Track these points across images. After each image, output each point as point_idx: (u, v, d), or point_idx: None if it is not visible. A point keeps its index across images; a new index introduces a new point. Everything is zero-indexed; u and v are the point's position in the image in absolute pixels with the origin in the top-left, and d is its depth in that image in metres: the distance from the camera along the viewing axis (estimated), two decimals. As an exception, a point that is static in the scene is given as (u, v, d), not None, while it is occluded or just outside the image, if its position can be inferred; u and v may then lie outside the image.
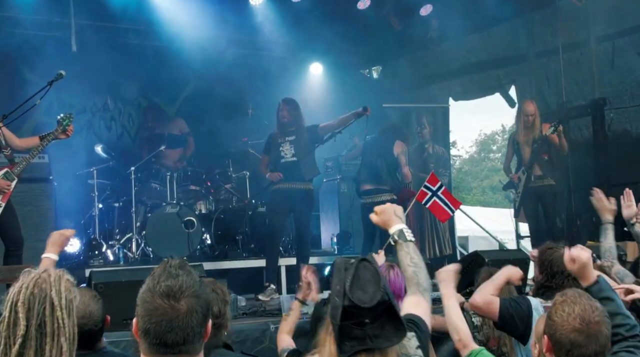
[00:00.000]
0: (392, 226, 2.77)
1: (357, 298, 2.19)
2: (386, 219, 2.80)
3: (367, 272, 2.28)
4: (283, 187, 7.53)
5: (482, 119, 60.03)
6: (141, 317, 2.00)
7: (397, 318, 2.24)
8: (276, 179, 7.52)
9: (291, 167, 7.51)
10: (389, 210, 2.80)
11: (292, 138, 7.62)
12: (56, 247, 3.67)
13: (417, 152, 9.35)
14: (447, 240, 9.55)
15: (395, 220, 2.78)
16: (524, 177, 8.24)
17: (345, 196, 10.08)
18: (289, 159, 7.60)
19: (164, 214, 8.11)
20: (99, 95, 10.16)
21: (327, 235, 10.22)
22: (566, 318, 2.63)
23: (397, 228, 2.75)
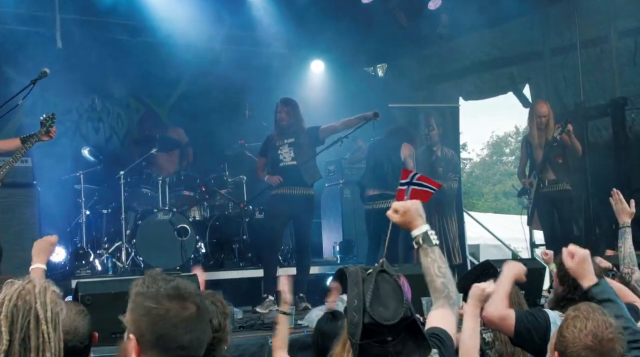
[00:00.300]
0: (416, 227, 2.65)
1: (379, 315, 2.16)
2: (409, 220, 2.67)
3: (387, 286, 2.25)
4: (282, 192, 7.54)
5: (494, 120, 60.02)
6: (149, 326, 1.96)
7: (420, 334, 2.21)
8: (276, 182, 7.53)
9: (291, 172, 7.52)
10: (412, 209, 2.66)
11: (292, 140, 7.63)
12: (42, 255, 3.66)
13: (425, 155, 9.35)
14: (457, 248, 9.52)
15: (419, 220, 2.66)
16: (535, 181, 8.24)
17: (348, 201, 10.07)
18: (288, 162, 7.60)
19: (156, 221, 8.10)
20: (86, 94, 10.15)
21: (329, 243, 10.21)
22: (577, 334, 2.61)
23: (422, 230, 2.63)
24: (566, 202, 8.25)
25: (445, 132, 9.87)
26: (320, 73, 11.26)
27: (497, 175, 38.88)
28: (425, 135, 9.45)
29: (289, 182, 7.52)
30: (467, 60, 10.58)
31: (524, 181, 8.53)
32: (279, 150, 7.65)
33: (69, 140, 9.58)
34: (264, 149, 7.91)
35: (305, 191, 7.61)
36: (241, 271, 8.34)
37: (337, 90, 10.92)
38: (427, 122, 9.48)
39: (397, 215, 2.70)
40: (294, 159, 7.58)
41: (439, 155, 9.42)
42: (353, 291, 2.24)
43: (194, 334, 1.97)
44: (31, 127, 8.77)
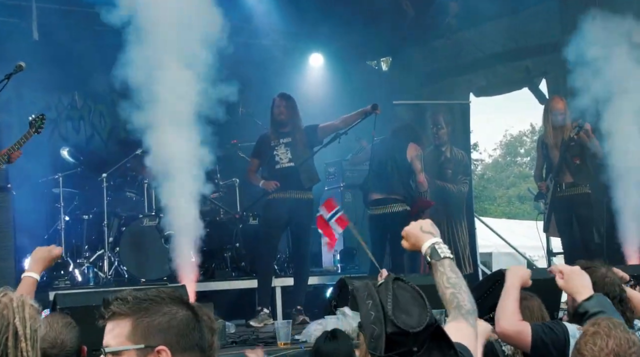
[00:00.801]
0: (422, 245, 2.69)
1: (403, 322, 2.16)
2: (414, 242, 2.73)
3: (405, 293, 2.26)
4: (279, 196, 7.54)
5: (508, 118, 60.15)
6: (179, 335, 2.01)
7: (445, 341, 2.23)
8: (272, 188, 7.53)
9: (288, 174, 7.52)
10: (413, 230, 2.73)
11: (288, 140, 7.63)
12: (39, 265, 3.66)
13: (433, 156, 9.35)
14: (467, 257, 9.53)
15: (423, 238, 2.70)
16: (552, 185, 8.23)
17: (350, 206, 10.04)
18: (285, 164, 7.61)
19: (141, 228, 8.10)
20: (66, 90, 10.15)
21: (328, 251, 10.21)
22: (598, 353, 2.61)
23: (427, 246, 2.68)
24: (585, 207, 8.24)
25: (454, 131, 9.87)
26: (319, 67, 11.27)
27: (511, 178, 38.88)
28: (433, 135, 9.45)
29: (286, 186, 7.52)
30: (479, 53, 10.58)
31: (540, 185, 8.52)
32: (275, 150, 7.65)
33: (46, 140, 9.57)
34: (258, 150, 7.90)
35: (303, 194, 7.62)
36: (234, 281, 8.34)
37: (338, 85, 10.93)
38: (435, 121, 9.47)
39: (405, 241, 2.77)
40: (292, 161, 7.58)
41: (448, 156, 9.42)
42: (367, 304, 2.24)
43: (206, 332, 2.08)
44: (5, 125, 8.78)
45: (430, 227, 2.73)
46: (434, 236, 2.69)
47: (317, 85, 10.95)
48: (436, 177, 9.19)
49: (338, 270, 9.62)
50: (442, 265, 2.62)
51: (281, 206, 7.54)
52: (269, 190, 7.56)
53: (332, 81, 11.03)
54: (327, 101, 10.35)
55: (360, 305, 2.27)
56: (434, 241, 2.66)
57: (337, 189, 10.31)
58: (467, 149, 10.15)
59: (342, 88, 10.77)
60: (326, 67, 11.22)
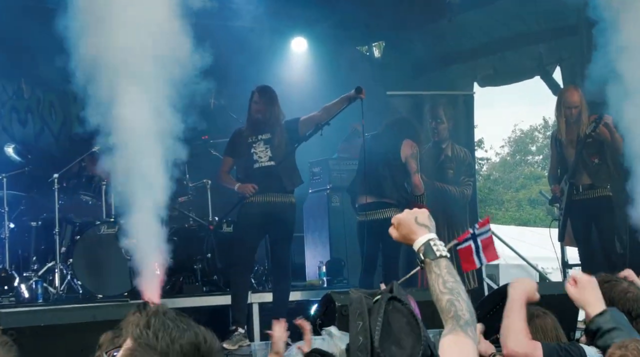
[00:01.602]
0: (416, 239, 2.64)
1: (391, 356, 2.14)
2: (406, 233, 2.66)
3: (401, 318, 2.24)
4: (256, 200, 7.54)
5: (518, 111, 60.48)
6: None
7: None
8: (250, 192, 7.51)
9: (267, 175, 7.51)
10: (406, 220, 2.66)
11: (267, 136, 7.63)
12: None
13: (431, 155, 9.35)
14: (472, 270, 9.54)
15: (417, 231, 2.64)
16: (567, 187, 8.23)
17: (337, 211, 10.07)
18: (264, 163, 7.60)
19: (98, 236, 8.07)
20: (10, 78, 10.09)
21: (313, 263, 10.25)
22: None
23: (422, 242, 2.62)
24: (606, 212, 8.25)
25: (456, 125, 9.89)
26: (302, 53, 11.26)
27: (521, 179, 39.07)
28: (432, 130, 9.46)
29: (265, 187, 7.51)
30: (485, 37, 10.60)
31: (554, 188, 8.52)
32: (253, 148, 7.64)
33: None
34: (232, 147, 7.89)
35: (284, 197, 7.62)
36: (205, 297, 8.33)
37: (323, 74, 10.93)
38: (435, 114, 9.47)
39: (394, 230, 2.70)
40: (272, 159, 7.58)
41: (448, 154, 9.43)
42: (357, 325, 2.22)
43: None
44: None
45: (426, 219, 2.67)
46: (430, 231, 2.64)
47: (300, 74, 10.94)
48: (435, 178, 9.20)
49: (324, 284, 9.64)
50: (438, 266, 2.56)
51: (259, 210, 7.53)
52: (246, 194, 7.54)
53: (317, 69, 11.02)
54: (311, 91, 10.35)
55: (351, 324, 2.25)
56: (429, 237, 2.61)
57: (323, 192, 10.34)
58: (470, 146, 10.18)
59: (328, 77, 10.76)
60: (310, 52, 11.21)
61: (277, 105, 7.72)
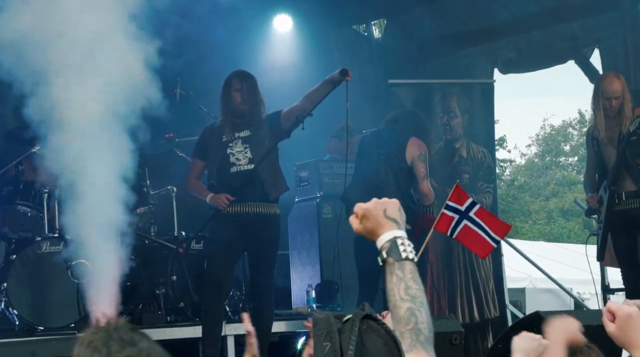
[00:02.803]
0: (380, 234, 2.72)
1: None
2: (371, 227, 2.75)
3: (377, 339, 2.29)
4: (233, 211, 7.52)
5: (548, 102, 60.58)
6: None
7: None
8: (224, 204, 7.47)
9: (247, 181, 7.49)
10: (373, 211, 2.75)
11: (246, 134, 7.61)
12: None
13: (443, 156, 9.36)
14: (492, 294, 9.54)
15: (384, 225, 2.73)
16: (607, 195, 8.19)
17: (329, 224, 10.04)
18: (243, 166, 7.58)
19: (39, 255, 8.02)
20: None
21: (300, 286, 10.25)
22: None
23: (387, 238, 2.70)
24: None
25: (473, 121, 9.90)
26: (286, 33, 11.25)
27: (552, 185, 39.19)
28: (444, 126, 9.46)
29: (244, 195, 7.49)
30: (507, 13, 10.61)
31: (590, 197, 8.43)
32: (229, 148, 7.61)
33: None
34: (203, 147, 7.85)
35: (267, 208, 7.61)
36: (169, 328, 8.31)
37: (312, 59, 10.92)
38: (447, 107, 9.48)
39: (357, 221, 2.77)
40: (252, 161, 7.55)
41: (463, 155, 9.43)
42: (324, 347, 2.26)
43: None
44: None
45: (397, 212, 2.75)
46: (399, 228, 2.72)
47: (283, 58, 10.94)
48: (447, 184, 9.18)
49: (313, 312, 9.58)
50: (402, 268, 2.64)
51: (236, 223, 7.52)
52: (221, 207, 7.50)
53: (304, 52, 11.02)
54: (297, 80, 10.32)
55: (316, 347, 2.30)
56: (397, 234, 2.69)
57: (313, 200, 10.34)
58: (490, 145, 10.17)
59: (317, 62, 10.76)
60: (296, 32, 11.20)
61: (258, 95, 7.70)
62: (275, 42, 11.19)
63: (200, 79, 9.80)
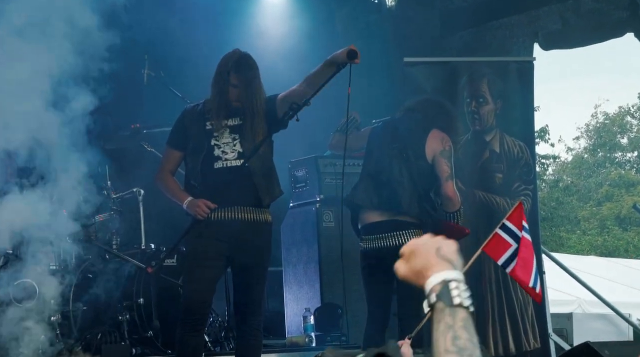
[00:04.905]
0: (430, 275, 2.72)
1: None
2: (420, 266, 2.76)
3: None
4: (216, 217, 7.50)
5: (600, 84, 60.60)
6: None
7: None
8: (204, 214, 7.44)
9: (234, 179, 7.45)
10: (424, 248, 2.77)
11: (237, 122, 7.57)
12: None
13: (471, 151, 9.37)
14: (531, 321, 9.54)
15: (436, 265, 2.73)
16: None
17: (331, 234, 10.04)
18: (230, 161, 7.53)
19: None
20: None
21: (296, 310, 10.28)
22: None
23: (438, 280, 2.70)
24: None
25: (507, 108, 9.89)
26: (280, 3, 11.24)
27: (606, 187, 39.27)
28: (472, 115, 9.47)
29: (230, 198, 7.46)
30: (549, -23, 10.62)
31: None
32: (214, 138, 7.56)
33: None
34: (182, 134, 7.74)
35: (258, 214, 7.59)
36: (135, 363, 8.32)
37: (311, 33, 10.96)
38: (475, 91, 9.50)
39: (404, 263, 2.79)
40: (241, 156, 7.50)
41: (496, 150, 9.44)
42: None
43: None
44: None
45: (453, 253, 2.76)
46: (454, 268, 2.73)
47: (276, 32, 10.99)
48: (476, 185, 9.21)
49: (312, 342, 9.68)
50: (453, 315, 2.65)
51: (220, 232, 7.49)
52: (200, 216, 7.46)
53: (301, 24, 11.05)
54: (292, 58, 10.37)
55: None
56: (450, 276, 2.70)
57: (311, 206, 10.38)
58: (529, 138, 10.18)
59: (317, 36, 10.81)
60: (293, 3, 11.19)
61: (258, 86, 7.64)
62: (266, 12, 11.23)
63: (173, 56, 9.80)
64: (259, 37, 10.62)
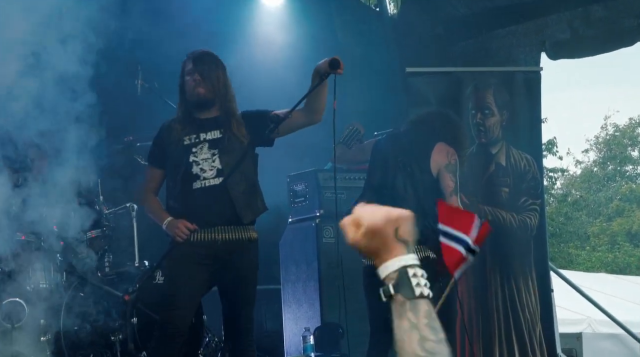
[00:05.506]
0: (387, 260, 2.67)
1: None
2: (375, 247, 2.71)
3: None
4: (197, 238, 7.50)
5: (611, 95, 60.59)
6: None
7: None
8: (184, 236, 7.42)
9: (213, 200, 7.45)
10: (383, 228, 2.70)
11: (216, 135, 7.56)
12: None
13: (476, 165, 9.38)
14: (539, 341, 9.55)
15: (394, 249, 2.67)
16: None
17: (332, 251, 10.01)
18: (209, 181, 7.52)
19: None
20: None
21: (294, 330, 10.28)
22: None
23: (395, 266, 2.64)
24: None
25: (514, 119, 9.90)
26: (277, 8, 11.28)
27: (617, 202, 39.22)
28: (477, 127, 9.48)
29: (209, 219, 7.47)
30: (558, -17, 10.65)
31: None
32: (192, 154, 7.54)
33: None
34: (161, 151, 7.77)
35: (241, 233, 7.58)
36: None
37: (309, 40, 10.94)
38: (480, 102, 9.51)
39: (356, 231, 2.71)
40: (220, 174, 7.50)
41: (502, 163, 9.45)
42: None
43: None
44: None
45: (409, 233, 2.71)
46: (409, 251, 2.68)
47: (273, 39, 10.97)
48: (482, 200, 9.21)
49: (312, 365, 9.63)
50: (415, 310, 2.61)
51: (200, 254, 7.49)
52: (179, 238, 7.45)
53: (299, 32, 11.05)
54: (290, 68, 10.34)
55: None
56: (406, 262, 2.65)
57: (311, 221, 10.35)
58: (536, 151, 10.19)
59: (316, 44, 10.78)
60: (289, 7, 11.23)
61: (225, 80, 7.62)
62: (263, 20, 11.23)
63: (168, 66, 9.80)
64: (258, 45, 10.65)
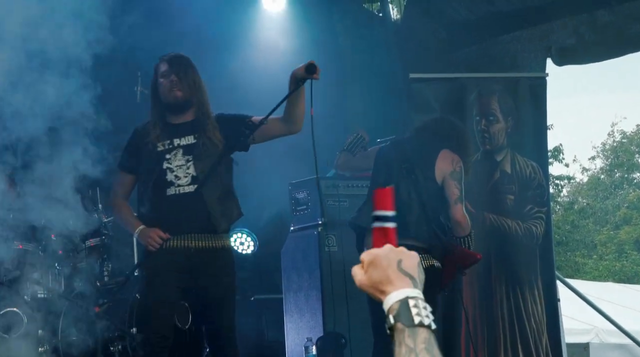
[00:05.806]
0: (389, 293, 2.70)
1: None
2: (378, 279, 2.74)
3: None
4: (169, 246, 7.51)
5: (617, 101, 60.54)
6: None
7: None
8: (156, 245, 7.42)
9: (188, 207, 7.46)
10: (384, 260, 2.73)
11: (190, 141, 7.58)
12: None
13: (481, 172, 9.38)
14: (546, 351, 9.54)
15: (397, 281, 2.70)
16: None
17: (334, 259, 9.96)
18: (183, 188, 7.53)
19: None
20: None
21: (296, 340, 10.28)
22: None
23: (397, 298, 2.67)
24: None
25: (519, 126, 9.91)
26: (279, 13, 11.29)
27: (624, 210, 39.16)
28: (481, 134, 9.49)
29: (183, 226, 7.47)
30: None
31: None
32: (166, 161, 7.54)
33: None
34: (134, 156, 7.76)
35: (214, 241, 7.58)
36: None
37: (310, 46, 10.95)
38: (484, 108, 9.52)
39: (361, 271, 2.76)
40: (195, 181, 7.49)
41: (507, 171, 9.45)
42: None
43: None
44: None
45: (415, 268, 2.73)
46: (415, 286, 2.69)
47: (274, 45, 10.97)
48: (486, 208, 9.21)
49: (315, 377, 9.64)
50: (414, 337, 2.62)
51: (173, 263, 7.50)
52: (152, 247, 7.45)
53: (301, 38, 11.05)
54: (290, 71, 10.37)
55: None
56: (410, 294, 2.66)
57: (312, 229, 10.36)
58: (542, 158, 10.18)
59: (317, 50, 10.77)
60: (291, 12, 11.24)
61: (198, 82, 7.62)
62: (265, 25, 11.24)
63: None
64: (259, 50, 10.65)
